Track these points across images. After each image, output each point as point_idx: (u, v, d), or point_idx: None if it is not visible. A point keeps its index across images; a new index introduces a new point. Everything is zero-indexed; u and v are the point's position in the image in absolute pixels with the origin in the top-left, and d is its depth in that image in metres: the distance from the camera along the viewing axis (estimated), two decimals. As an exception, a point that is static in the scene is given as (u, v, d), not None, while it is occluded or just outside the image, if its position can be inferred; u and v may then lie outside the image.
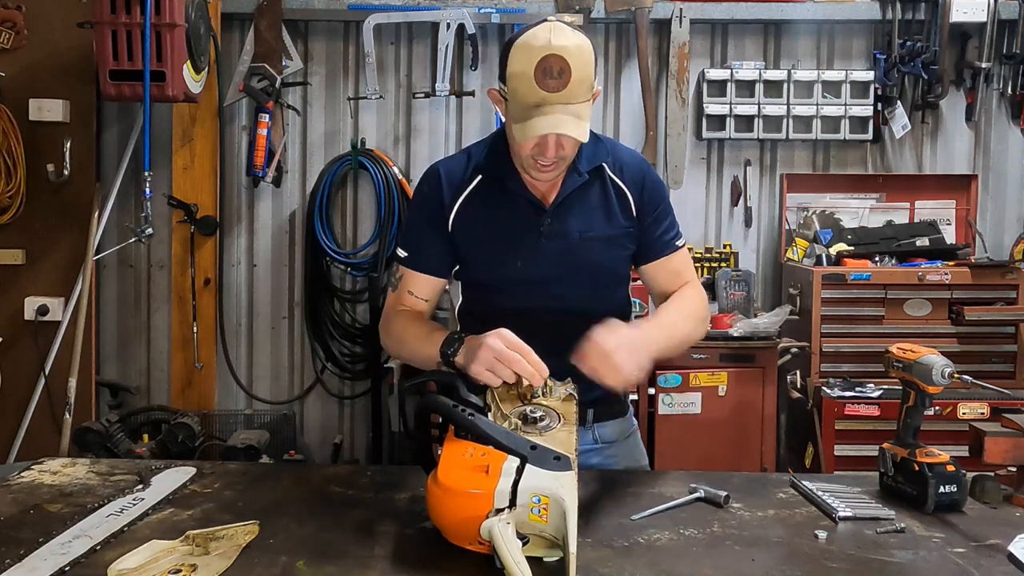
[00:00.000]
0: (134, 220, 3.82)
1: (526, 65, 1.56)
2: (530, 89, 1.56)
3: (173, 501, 1.60)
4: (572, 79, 1.55)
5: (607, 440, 1.92)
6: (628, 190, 1.80)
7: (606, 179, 1.80)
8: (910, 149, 4.07)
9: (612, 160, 1.81)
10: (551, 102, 1.56)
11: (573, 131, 1.58)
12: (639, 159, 1.87)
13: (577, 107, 1.58)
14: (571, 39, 1.57)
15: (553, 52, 1.55)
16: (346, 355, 4.04)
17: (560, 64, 1.54)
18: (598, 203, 1.79)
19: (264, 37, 3.79)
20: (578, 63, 1.56)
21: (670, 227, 1.85)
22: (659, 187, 1.85)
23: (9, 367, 3.71)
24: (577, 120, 1.58)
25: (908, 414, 1.63)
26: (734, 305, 3.77)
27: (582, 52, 1.58)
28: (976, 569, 1.33)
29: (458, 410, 1.41)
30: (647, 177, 1.83)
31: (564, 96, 1.56)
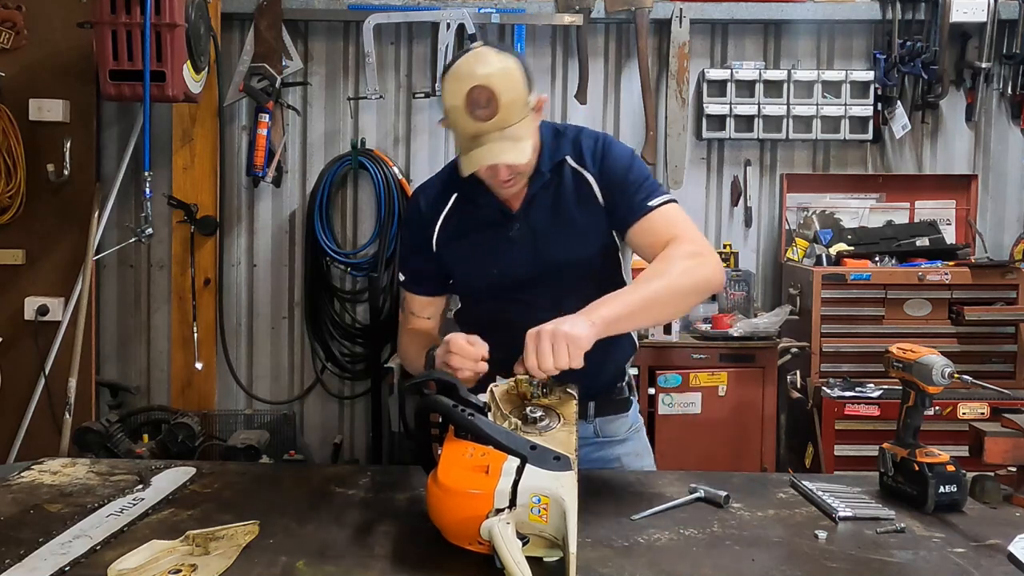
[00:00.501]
0: (134, 220, 3.82)
1: (456, 98, 1.58)
2: (464, 122, 1.60)
3: (173, 501, 1.60)
4: (501, 104, 1.57)
5: (609, 436, 1.93)
6: (588, 173, 1.78)
7: (568, 172, 1.79)
8: (910, 149, 4.07)
9: (575, 149, 1.80)
10: (486, 131, 1.59)
11: (510, 158, 1.61)
12: (600, 137, 1.82)
13: (513, 129, 1.60)
14: (494, 65, 1.59)
15: (477, 83, 1.56)
16: (346, 355, 4.04)
17: (486, 94, 1.56)
18: (565, 198, 1.79)
19: (264, 37, 3.79)
20: (505, 87, 1.57)
21: (639, 190, 1.76)
22: (620, 156, 1.79)
23: (9, 367, 3.71)
24: (514, 144, 1.60)
25: (908, 414, 1.63)
26: (734, 305, 3.77)
27: (508, 76, 1.59)
28: (976, 569, 1.33)
29: (458, 410, 1.41)
30: (606, 150, 1.79)
31: (497, 123, 1.58)
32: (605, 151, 1.79)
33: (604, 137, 1.83)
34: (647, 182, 1.79)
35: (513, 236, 1.79)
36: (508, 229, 1.80)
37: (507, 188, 1.73)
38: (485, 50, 1.62)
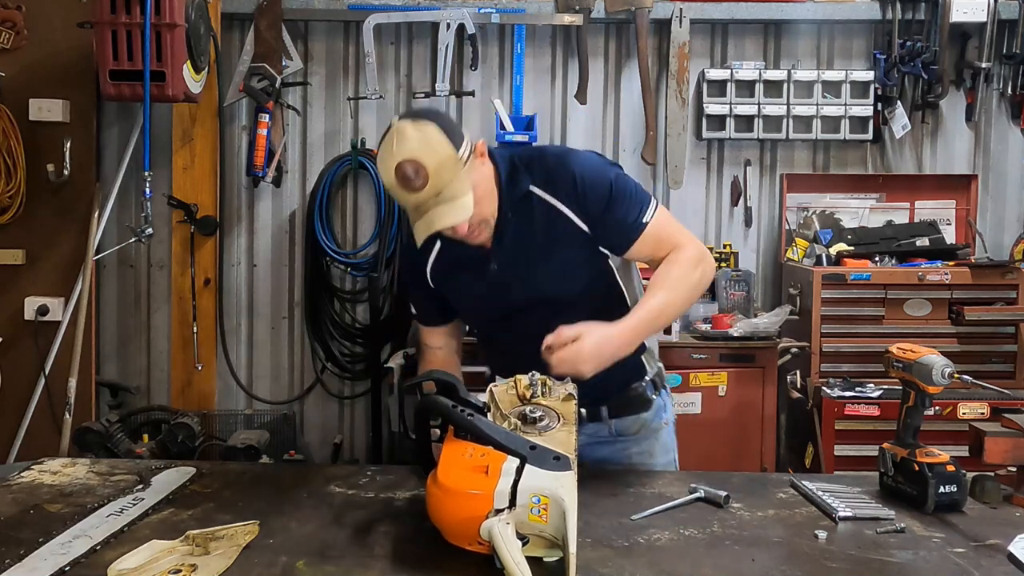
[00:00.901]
0: (134, 220, 3.82)
1: (388, 178, 1.63)
2: (402, 196, 1.64)
3: (173, 501, 1.60)
4: (430, 173, 1.59)
5: (622, 432, 1.92)
6: (560, 204, 1.77)
7: (536, 203, 1.78)
8: (910, 149, 4.07)
9: (541, 179, 1.78)
10: (423, 200, 1.62)
11: (450, 220, 1.64)
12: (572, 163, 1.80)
13: (449, 190, 1.62)
14: (412, 138, 1.60)
15: (401, 161, 1.59)
16: (346, 355, 4.04)
17: (412, 167, 1.58)
18: (537, 232, 1.78)
19: (264, 37, 3.79)
20: (429, 157, 1.59)
21: (628, 209, 1.78)
22: (597, 180, 1.78)
23: (9, 367, 3.71)
24: (451, 204, 1.62)
25: (908, 414, 1.63)
26: (734, 305, 3.77)
27: (428, 144, 1.60)
28: (976, 569, 1.33)
29: (457, 410, 1.41)
30: (582, 180, 1.77)
31: (431, 190, 1.61)
32: (582, 184, 1.76)
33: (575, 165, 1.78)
34: (631, 199, 1.79)
35: (492, 273, 1.81)
36: (487, 266, 1.81)
37: (474, 238, 1.75)
38: (402, 124, 1.62)
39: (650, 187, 4.06)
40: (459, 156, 1.63)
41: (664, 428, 1.99)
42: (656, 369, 1.98)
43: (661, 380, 1.99)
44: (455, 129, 1.66)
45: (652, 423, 1.96)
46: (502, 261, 1.80)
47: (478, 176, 1.69)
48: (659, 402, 1.97)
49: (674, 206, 4.05)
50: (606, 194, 1.77)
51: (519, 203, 1.77)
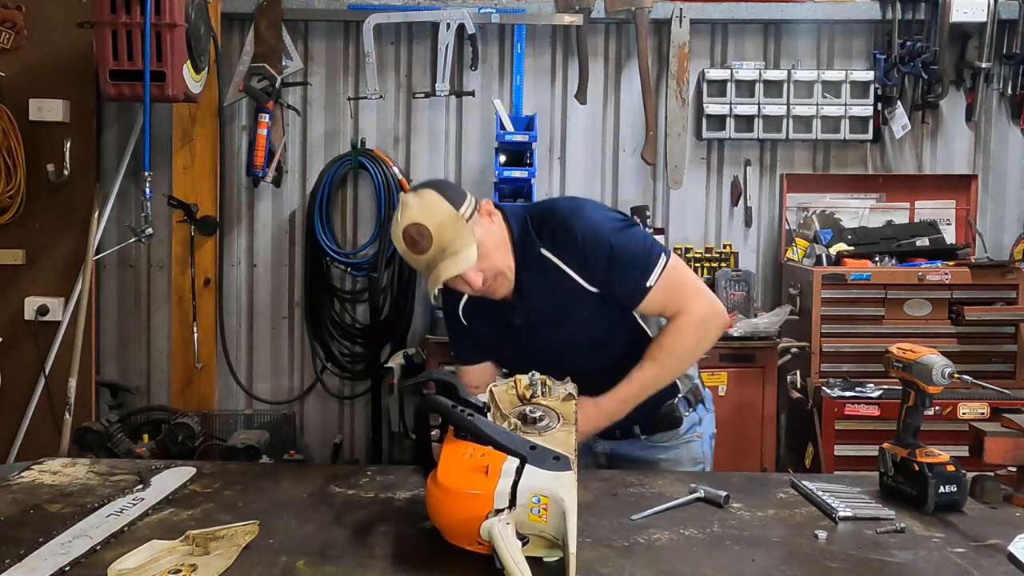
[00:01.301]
0: (134, 220, 3.82)
1: (399, 245, 1.78)
2: (412, 259, 1.78)
3: (173, 501, 1.60)
4: (433, 232, 1.72)
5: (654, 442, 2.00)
6: (568, 268, 1.83)
7: (547, 263, 1.85)
8: (910, 149, 4.07)
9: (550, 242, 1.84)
10: (432, 258, 1.74)
11: (455, 270, 1.74)
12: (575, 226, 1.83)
13: (452, 246, 1.73)
14: (413, 205, 1.74)
15: (405, 227, 1.73)
16: (346, 355, 4.04)
17: (416, 230, 1.72)
18: (552, 290, 1.85)
19: (264, 37, 3.79)
20: (431, 221, 1.72)
21: (630, 272, 1.82)
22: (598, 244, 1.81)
23: (9, 367, 3.71)
24: (455, 258, 1.74)
25: (908, 414, 1.63)
26: (734, 305, 3.77)
27: (427, 208, 1.74)
28: (976, 569, 1.33)
29: (457, 410, 1.41)
30: (584, 244, 1.82)
31: (436, 249, 1.73)
32: (584, 249, 1.82)
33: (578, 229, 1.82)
34: (633, 262, 1.82)
35: (518, 324, 1.88)
36: (513, 317, 1.89)
37: (491, 292, 1.83)
38: (405, 197, 1.79)
39: (650, 187, 4.06)
40: (460, 214, 1.75)
41: (696, 441, 2.03)
42: (690, 387, 2.03)
43: (696, 397, 2.04)
44: (455, 191, 1.79)
45: (684, 435, 2.02)
46: (525, 317, 1.88)
47: (484, 232, 1.78)
48: (693, 418, 2.03)
49: (674, 206, 4.05)
50: (606, 258, 1.81)
51: (534, 264, 1.84)
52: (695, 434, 2.02)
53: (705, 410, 2.06)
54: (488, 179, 3.87)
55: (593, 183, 4.06)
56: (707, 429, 2.06)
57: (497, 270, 1.80)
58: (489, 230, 1.80)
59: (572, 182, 4.06)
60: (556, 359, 1.80)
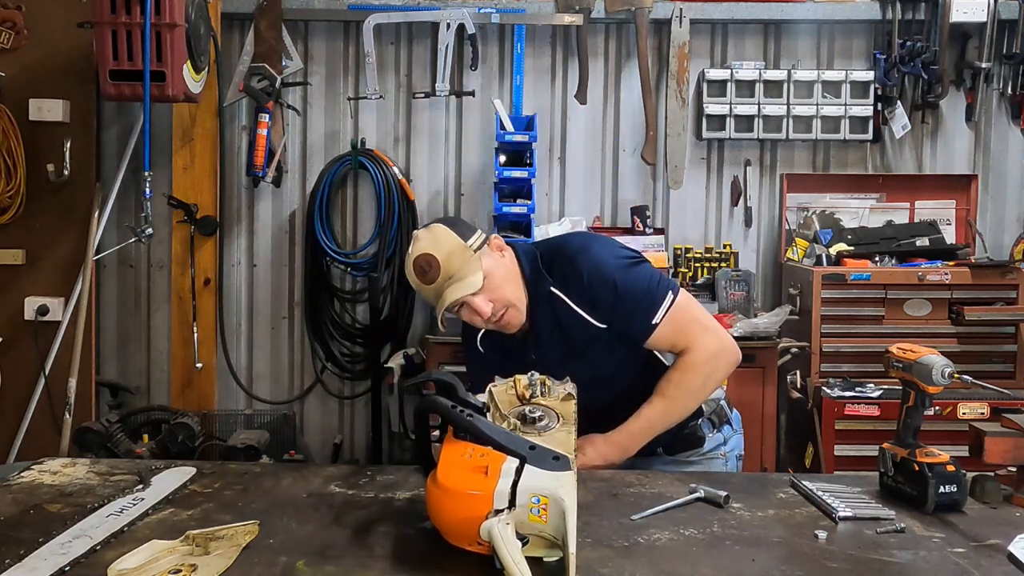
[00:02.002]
0: (134, 220, 3.82)
1: (411, 279, 1.86)
2: (424, 290, 1.85)
3: (173, 501, 1.60)
4: (441, 262, 1.80)
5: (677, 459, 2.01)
6: (577, 308, 1.86)
7: (557, 303, 1.88)
8: (910, 149, 4.07)
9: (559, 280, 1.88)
10: (440, 287, 1.82)
11: (459, 293, 1.81)
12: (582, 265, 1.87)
13: (459, 272, 1.81)
14: (423, 239, 1.84)
15: (414, 259, 1.82)
16: (346, 355, 4.04)
17: (424, 261, 1.81)
18: (560, 326, 1.89)
19: (264, 37, 3.79)
20: (437, 250, 1.81)
21: (636, 310, 1.85)
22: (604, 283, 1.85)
23: (9, 367, 3.71)
24: (460, 282, 1.81)
25: (908, 414, 1.63)
26: (734, 305, 3.77)
27: (435, 240, 1.83)
28: (976, 569, 1.33)
29: (457, 411, 1.41)
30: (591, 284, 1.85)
31: (444, 277, 1.81)
32: (591, 288, 1.86)
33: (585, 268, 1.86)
34: (639, 299, 1.85)
35: (533, 360, 1.88)
36: (527, 354, 1.92)
37: (503, 325, 1.88)
38: (416, 233, 1.88)
39: (650, 187, 4.06)
40: (467, 244, 1.83)
41: (719, 459, 2.04)
42: (714, 408, 2.04)
43: (721, 418, 2.05)
44: (465, 226, 1.88)
45: (707, 453, 2.03)
46: (539, 353, 1.91)
47: (493, 263, 1.85)
48: (717, 437, 2.04)
49: (674, 206, 4.05)
50: (612, 296, 1.85)
51: (544, 300, 1.88)
52: (719, 452, 2.03)
53: (732, 431, 2.07)
54: (488, 179, 3.87)
55: (593, 183, 4.06)
56: (733, 449, 2.06)
57: (507, 302, 1.85)
58: (499, 262, 1.87)
59: (572, 182, 4.06)
60: None
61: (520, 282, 1.89)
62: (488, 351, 2.02)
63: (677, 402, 1.88)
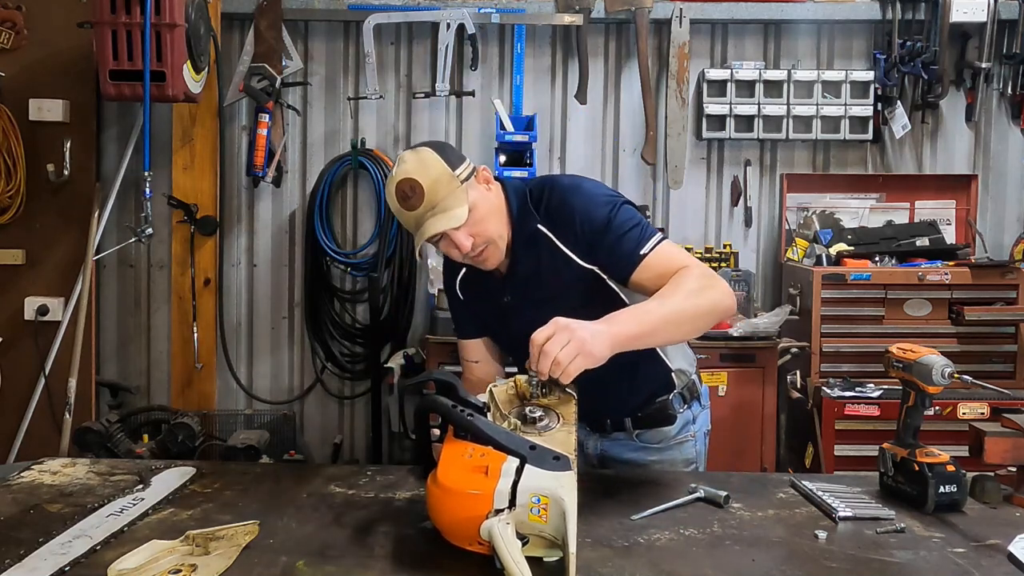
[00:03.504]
0: (134, 220, 3.82)
1: (392, 201, 1.78)
2: (404, 215, 1.77)
3: (173, 501, 1.60)
4: (426, 189, 1.72)
5: (646, 442, 1.96)
6: (564, 247, 1.80)
7: (543, 239, 1.83)
8: (910, 149, 4.07)
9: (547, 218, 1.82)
10: (422, 215, 1.74)
11: (442, 226, 1.74)
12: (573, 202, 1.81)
13: (443, 203, 1.73)
14: (410, 161, 1.75)
15: (398, 181, 1.74)
16: (346, 355, 4.04)
17: (409, 184, 1.73)
18: (544, 263, 1.83)
19: (264, 37, 3.79)
20: (422, 174, 1.73)
21: (625, 241, 1.75)
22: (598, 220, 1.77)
23: (9, 367, 3.71)
24: (444, 214, 1.73)
25: (908, 414, 1.63)
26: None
27: (423, 164, 1.74)
28: (976, 569, 1.33)
29: (457, 410, 1.41)
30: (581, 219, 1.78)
31: (427, 204, 1.73)
32: (582, 223, 1.78)
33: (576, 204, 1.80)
34: (629, 232, 1.76)
35: (507, 303, 1.87)
36: (503, 295, 1.88)
37: (480, 261, 1.82)
38: (403, 154, 1.79)
39: (650, 187, 4.06)
40: (455, 174, 1.74)
41: (688, 441, 2.00)
42: (686, 382, 1.98)
43: (692, 394, 1.99)
44: (454, 153, 1.79)
45: (676, 436, 1.98)
46: (514, 294, 1.87)
47: (479, 197, 1.77)
48: (687, 415, 1.98)
49: (674, 206, 4.05)
50: (603, 227, 1.77)
51: (529, 239, 1.83)
52: (688, 433, 1.99)
53: (700, 407, 2.02)
54: (488, 179, 3.86)
55: (593, 183, 4.06)
56: (701, 426, 2.03)
57: (488, 238, 1.78)
58: (485, 196, 1.79)
59: (572, 182, 4.05)
60: None
61: (505, 218, 1.82)
62: (465, 294, 1.98)
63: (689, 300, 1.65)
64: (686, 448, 1.99)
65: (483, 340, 2.02)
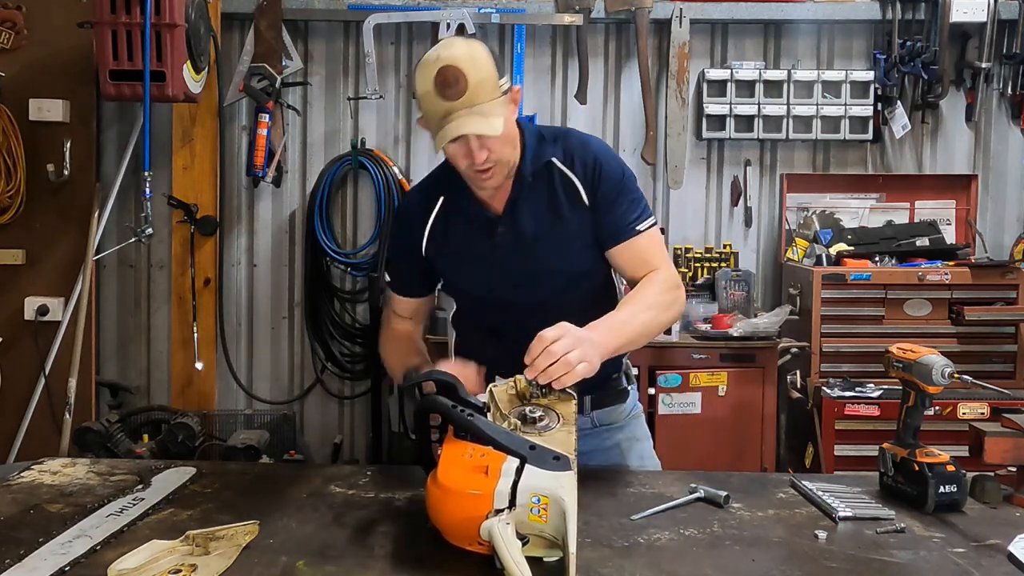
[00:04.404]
0: (134, 220, 3.82)
1: (426, 83, 1.64)
2: (434, 103, 1.63)
3: (173, 501, 1.60)
4: (469, 83, 1.60)
5: (605, 423, 1.94)
6: (575, 177, 1.79)
7: (555, 174, 1.80)
8: (910, 149, 4.07)
9: (563, 153, 1.81)
10: (456, 109, 1.62)
11: (479, 129, 1.62)
12: (594, 146, 1.83)
13: (483, 107, 1.62)
14: (460, 48, 1.64)
15: (445, 64, 1.61)
16: (346, 355, 4.04)
17: (454, 72, 1.60)
18: (549, 201, 1.79)
19: (264, 37, 3.79)
20: (471, 67, 1.61)
21: (630, 211, 1.79)
22: (614, 170, 1.80)
23: (9, 367, 3.71)
24: (483, 118, 1.62)
25: (908, 414, 1.63)
26: (734, 305, 3.77)
27: (474, 56, 1.63)
28: (976, 569, 1.33)
29: (457, 410, 1.41)
30: (599, 161, 1.79)
31: (466, 101, 1.61)
32: (598, 160, 1.79)
33: (596, 148, 1.82)
34: (636, 201, 1.80)
35: (498, 241, 1.79)
36: (492, 233, 1.80)
37: (487, 179, 1.72)
38: (451, 39, 1.69)
39: (650, 187, 4.06)
40: (499, 82, 1.66)
41: (641, 416, 2.03)
42: (626, 362, 2.01)
43: (630, 371, 2.02)
44: (499, 61, 1.69)
45: (632, 411, 1.99)
46: (509, 226, 1.79)
47: (509, 115, 1.69)
48: (633, 393, 2.01)
49: (674, 206, 4.05)
50: (618, 183, 1.79)
51: (540, 171, 1.79)
52: (638, 410, 2.02)
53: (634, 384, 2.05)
54: (488, 179, 3.86)
55: (593, 183, 4.06)
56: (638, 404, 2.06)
57: (502, 157, 1.71)
58: (510, 118, 1.72)
59: (572, 182, 4.06)
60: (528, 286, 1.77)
61: (517, 148, 1.77)
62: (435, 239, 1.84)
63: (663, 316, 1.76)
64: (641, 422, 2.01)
65: (422, 300, 1.95)
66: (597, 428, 1.92)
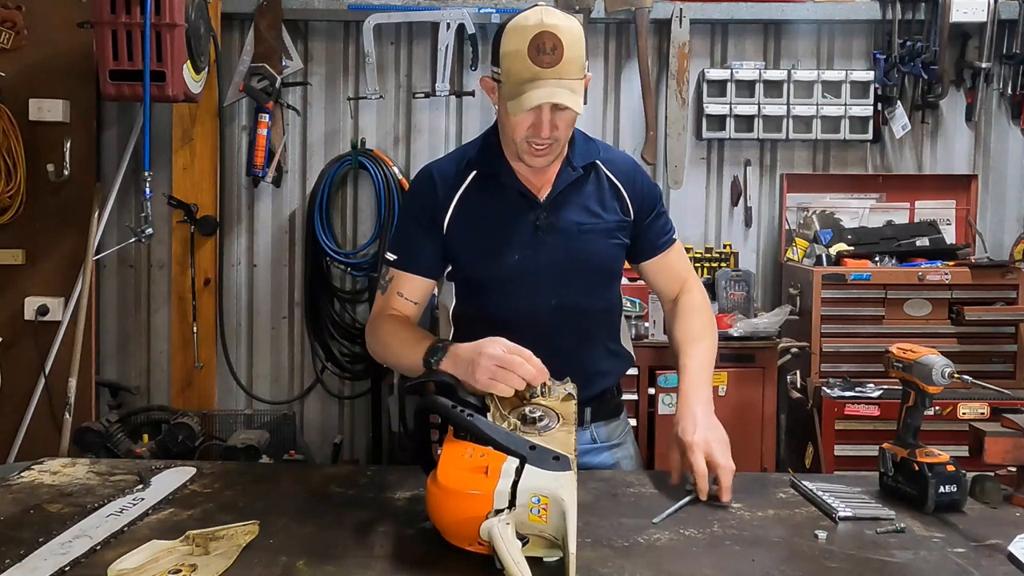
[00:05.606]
0: (134, 220, 3.82)
1: (520, 43, 1.59)
2: (524, 65, 1.59)
3: (173, 501, 1.60)
4: (565, 55, 1.58)
5: (606, 440, 1.94)
6: (621, 185, 1.84)
7: (600, 174, 1.83)
8: (910, 149, 4.07)
9: (606, 157, 1.85)
10: (545, 76, 1.59)
11: (568, 100, 1.60)
12: (631, 160, 1.93)
13: (570, 82, 1.60)
14: (562, 19, 1.62)
15: (545, 29, 1.58)
16: (346, 355, 4.04)
17: (552, 40, 1.58)
18: (592, 196, 1.81)
19: (264, 37, 3.79)
20: (570, 41, 1.60)
21: (665, 224, 1.91)
22: (653, 186, 1.92)
23: (9, 367, 3.71)
24: (571, 92, 1.60)
25: (908, 414, 1.63)
26: (734, 305, 3.77)
27: (573, 31, 1.61)
28: (976, 569, 1.33)
29: (457, 411, 1.41)
30: (639, 176, 1.89)
31: (557, 71, 1.59)
32: (638, 174, 1.88)
33: (634, 160, 1.93)
34: (667, 217, 1.92)
35: (540, 225, 1.76)
36: (533, 217, 1.76)
37: (539, 156, 1.69)
38: (548, 7, 1.63)
39: (650, 187, 4.06)
40: (585, 65, 1.66)
41: (630, 429, 2.04)
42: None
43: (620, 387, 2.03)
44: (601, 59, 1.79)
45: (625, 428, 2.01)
46: (554, 214, 1.76)
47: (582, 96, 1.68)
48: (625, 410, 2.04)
49: (674, 206, 4.05)
50: (657, 200, 1.89)
51: (587, 167, 1.82)
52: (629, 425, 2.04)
53: None
54: (488, 179, 3.86)
55: (593, 183, 4.06)
56: None
57: (562, 137, 1.69)
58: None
59: (572, 182, 4.06)
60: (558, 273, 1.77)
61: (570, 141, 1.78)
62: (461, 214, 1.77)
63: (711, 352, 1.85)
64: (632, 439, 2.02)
65: (430, 284, 1.83)
66: (598, 445, 1.93)
